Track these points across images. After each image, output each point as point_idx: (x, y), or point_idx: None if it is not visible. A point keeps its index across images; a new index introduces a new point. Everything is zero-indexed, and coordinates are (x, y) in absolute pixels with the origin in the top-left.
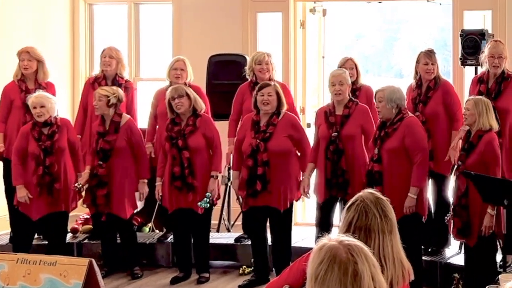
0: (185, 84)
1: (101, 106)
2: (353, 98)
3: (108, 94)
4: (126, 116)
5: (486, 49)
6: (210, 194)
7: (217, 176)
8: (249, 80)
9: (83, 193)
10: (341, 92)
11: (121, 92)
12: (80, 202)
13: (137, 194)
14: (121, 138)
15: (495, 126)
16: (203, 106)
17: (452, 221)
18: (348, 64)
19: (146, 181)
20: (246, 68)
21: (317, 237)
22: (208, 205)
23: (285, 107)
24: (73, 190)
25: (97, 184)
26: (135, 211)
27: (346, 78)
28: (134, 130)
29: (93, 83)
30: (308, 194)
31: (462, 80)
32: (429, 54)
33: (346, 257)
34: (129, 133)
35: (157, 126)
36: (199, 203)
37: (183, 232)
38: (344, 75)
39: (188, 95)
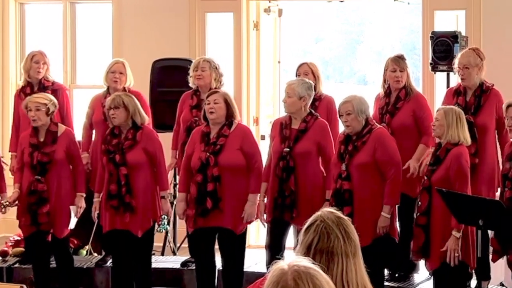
0: (124, 89)
1: (40, 116)
2: (313, 112)
3: (46, 102)
4: (62, 126)
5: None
6: (166, 217)
7: (167, 196)
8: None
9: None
10: (287, 105)
11: (53, 97)
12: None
13: (73, 208)
14: (59, 149)
15: (466, 140)
16: (145, 118)
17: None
18: (302, 69)
19: (84, 195)
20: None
21: (268, 262)
22: (168, 227)
23: (237, 117)
24: None
25: (38, 201)
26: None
27: (296, 90)
28: (73, 140)
29: (20, 94)
30: (264, 222)
31: (432, 87)
32: (397, 60)
33: (290, 284)
34: (67, 143)
35: (93, 138)
36: (157, 229)
37: (122, 255)
38: (293, 86)
39: (125, 106)
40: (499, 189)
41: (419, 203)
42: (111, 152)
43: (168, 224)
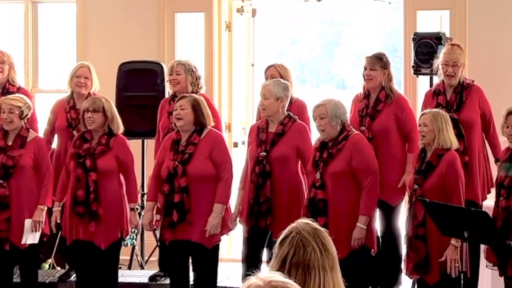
0: (89, 94)
1: (13, 118)
2: (291, 114)
3: (20, 105)
4: (33, 133)
5: (440, 54)
6: (136, 230)
7: (137, 208)
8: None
9: None
10: (265, 108)
11: (28, 100)
12: None
13: (28, 222)
14: (27, 155)
15: (455, 144)
16: (121, 127)
17: (406, 256)
18: (269, 72)
19: (45, 208)
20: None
21: (245, 275)
22: (135, 241)
23: (209, 123)
24: None
25: None
26: (26, 242)
27: (272, 91)
28: (43, 148)
29: None
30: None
31: (415, 92)
32: (371, 58)
33: None
34: (36, 150)
35: (56, 145)
36: (124, 243)
37: (85, 268)
38: (269, 87)
39: (104, 112)
40: (492, 190)
41: (415, 214)
42: (81, 157)
43: (135, 238)
